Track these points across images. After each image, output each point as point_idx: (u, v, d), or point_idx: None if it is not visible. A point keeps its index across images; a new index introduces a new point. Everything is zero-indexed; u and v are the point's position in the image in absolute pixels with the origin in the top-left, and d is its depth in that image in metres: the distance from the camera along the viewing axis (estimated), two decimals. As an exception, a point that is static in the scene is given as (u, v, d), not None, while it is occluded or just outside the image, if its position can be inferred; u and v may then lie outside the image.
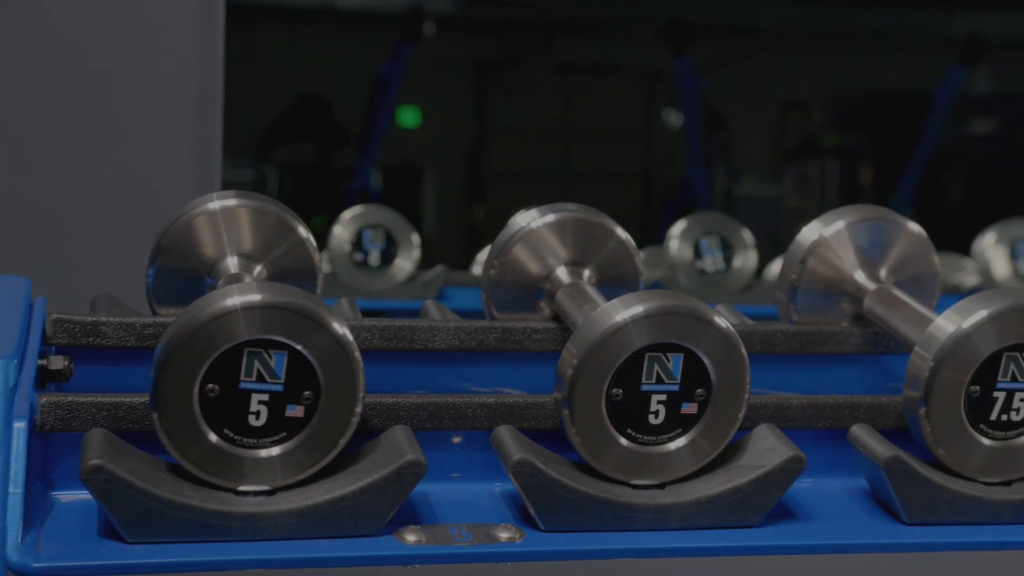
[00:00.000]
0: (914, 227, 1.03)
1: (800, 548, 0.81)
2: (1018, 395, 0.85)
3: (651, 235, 5.40)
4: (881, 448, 0.84)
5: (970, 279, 1.90)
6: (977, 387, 0.85)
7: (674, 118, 5.89)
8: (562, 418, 0.81)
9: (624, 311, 0.81)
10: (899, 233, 1.02)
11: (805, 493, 0.90)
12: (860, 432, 0.86)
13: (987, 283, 1.81)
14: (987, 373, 0.84)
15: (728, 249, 1.77)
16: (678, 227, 1.77)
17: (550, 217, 1.00)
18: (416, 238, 1.70)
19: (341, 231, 1.68)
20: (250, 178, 5.27)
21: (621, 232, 1.00)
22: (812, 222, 1.03)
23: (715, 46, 6.42)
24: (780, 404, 0.90)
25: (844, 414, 0.91)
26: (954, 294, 1.78)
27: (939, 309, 0.89)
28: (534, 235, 0.99)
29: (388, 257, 1.67)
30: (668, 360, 0.81)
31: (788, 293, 1.01)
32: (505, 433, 0.82)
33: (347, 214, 1.71)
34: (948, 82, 5.02)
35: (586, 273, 0.99)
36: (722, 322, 0.82)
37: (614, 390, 0.81)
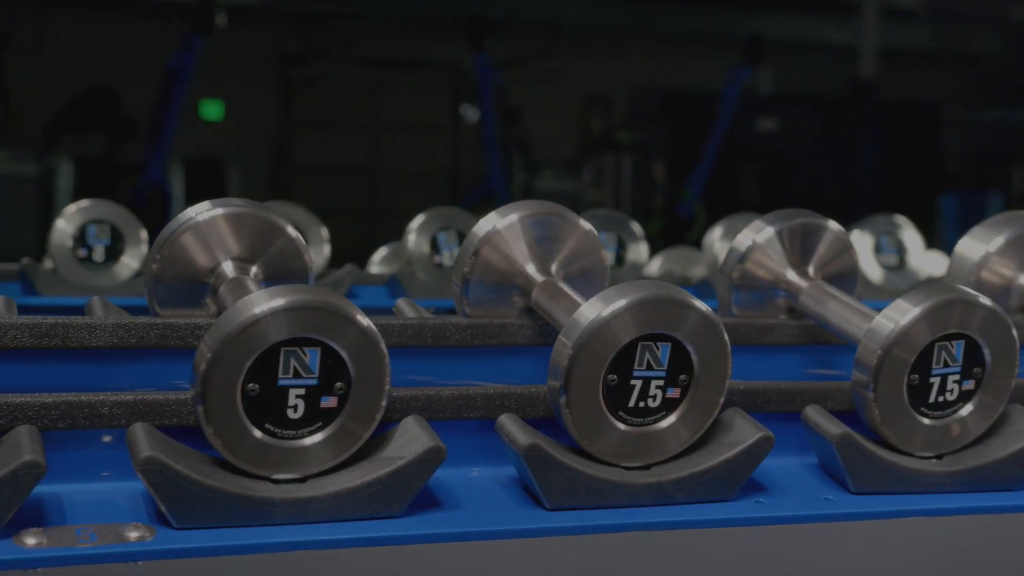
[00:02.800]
0: (585, 224, 1.06)
1: (439, 536, 0.82)
2: (654, 383, 0.89)
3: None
4: (522, 436, 0.86)
5: (698, 272, 1.98)
6: (615, 376, 0.88)
7: (472, 113, 5.93)
8: (198, 414, 0.80)
9: (264, 304, 0.80)
10: (570, 229, 1.05)
11: (457, 482, 0.92)
12: (505, 421, 0.88)
13: (714, 276, 1.89)
14: (625, 362, 0.88)
15: (466, 243, 1.78)
16: (416, 221, 1.78)
17: (218, 211, 0.99)
18: (144, 234, 1.66)
19: (64, 225, 1.63)
20: (35, 171, 5.05)
21: (291, 230, 1.00)
22: (488, 215, 1.05)
23: (518, 42, 6.50)
24: (430, 396, 0.91)
25: (494, 404, 0.93)
26: (683, 286, 1.84)
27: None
28: (200, 228, 0.98)
29: (114, 253, 1.63)
30: (306, 354, 0.82)
31: (461, 286, 1.03)
32: (139, 431, 0.81)
33: (72, 208, 1.65)
34: (733, 81, 5.22)
35: (253, 269, 0.98)
36: (363, 319, 0.82)
37: (250, 385, 0.81)
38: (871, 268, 1.88)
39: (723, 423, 0.93)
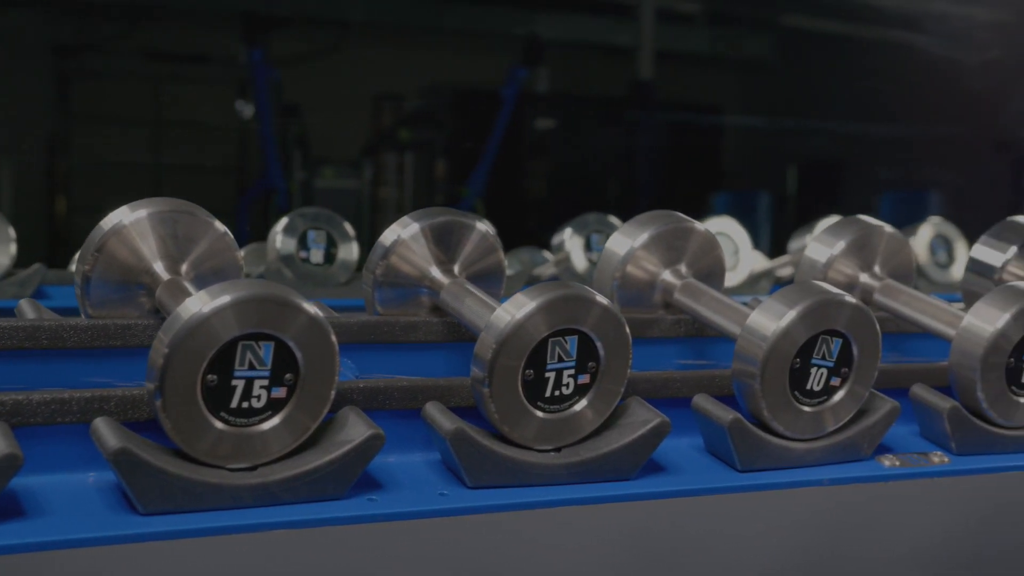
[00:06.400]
0: (219, 225, 1.04)
1: (18, 547, 0.79)
2: (258, 382, 0.87)
3: (244, 229, 5.31)
4: (112, 440, 0.83)
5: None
6: (215, 376, 0.86)
7: (247, 109, 5.82)
8: None
9: None
10: (203, 228, 1.03)
11: (59, 489, 0.88)
12: (99, 425, 0.85)
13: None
14: (225, 361, 0.86)
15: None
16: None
17: None
18: None
19: None
20: None
21: None
22: (117, 209, 1.02)
23: (303, 39, 6.40)
24: (19, 401, 0.88)
25: (92, 408, 0.90)
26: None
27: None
28: None
29: None
30: None
31: (82, 284, 0.99)
32: None
33: None
34: (512, 81, 5.28)
35: None
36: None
37: None
38: (581, 263, 1.92)
39: (337, 422, 0.93)
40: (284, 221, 1.74)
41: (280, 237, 1.73)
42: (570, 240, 1.93)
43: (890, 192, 5.78)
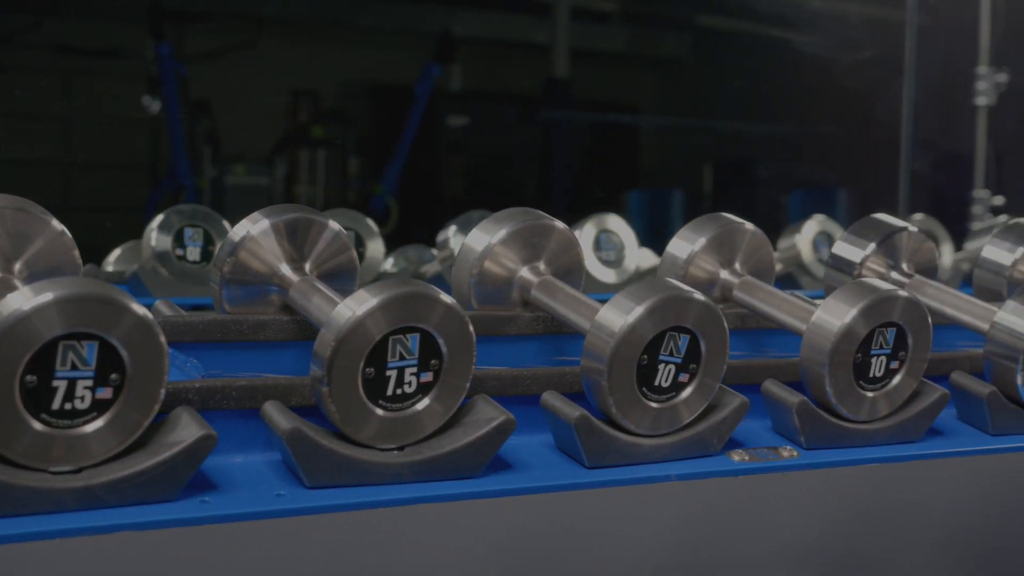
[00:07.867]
0: (56, 224, 1.02)
1: None
2: (81, 383, 0.85)
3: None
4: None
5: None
6: (34, 376, 0.84)
7: (154, 105, 5.73)
8: None
9: None
10: (40, 227, 1.01)
11: None
12: (-88, 429, 0.83)
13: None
14: (46, 361, 0.84)
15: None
16: None
17: None
18: None
19: None
20: None
21: None
22: (-52, 209, 0.99)
23: (215, 34, 6.31)
24: None
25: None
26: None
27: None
28: None
29: None
30: None
31: (-92, 285, 0.96)
32: None
33: None
34: (425, 78, 5.27)
35: None
36: None
37: None
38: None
39: (168, 422, 0.91)
40: (159, 218, 1.71)
41: (155, 234, 1.70)
42: (454, 238, 1.92)
43: (799, 190, 5.85)
